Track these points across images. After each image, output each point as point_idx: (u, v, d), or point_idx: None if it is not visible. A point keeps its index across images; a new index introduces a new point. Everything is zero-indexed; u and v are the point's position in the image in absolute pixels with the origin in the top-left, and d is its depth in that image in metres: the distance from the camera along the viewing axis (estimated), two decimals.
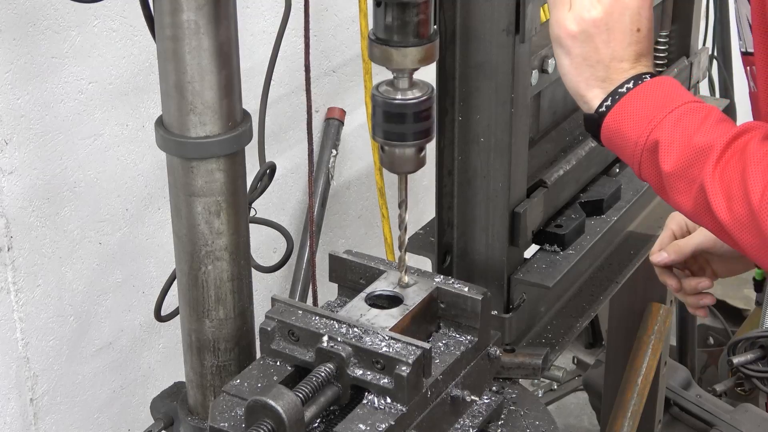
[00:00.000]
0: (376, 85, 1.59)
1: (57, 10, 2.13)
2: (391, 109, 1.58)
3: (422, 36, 1.54)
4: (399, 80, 1.58)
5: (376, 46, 1.55)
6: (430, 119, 1.61)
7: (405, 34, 1.54)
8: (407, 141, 1.60)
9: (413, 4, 1.52)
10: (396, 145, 1.60)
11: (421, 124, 1.60)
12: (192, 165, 1.71)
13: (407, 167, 1.63)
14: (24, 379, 2.29)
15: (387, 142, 1.60)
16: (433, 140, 1.98)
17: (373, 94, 1.59)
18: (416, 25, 1.53)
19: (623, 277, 2.32)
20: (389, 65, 1.56)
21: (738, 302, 4.38)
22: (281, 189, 2.80)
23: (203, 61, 1.65)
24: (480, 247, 2.04)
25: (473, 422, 1.73)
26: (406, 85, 1.58)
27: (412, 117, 1.58)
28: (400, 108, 1.58)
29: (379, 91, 1.59)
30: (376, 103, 1.59)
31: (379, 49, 1.55)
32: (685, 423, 3.18)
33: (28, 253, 2.22)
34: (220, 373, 1.84)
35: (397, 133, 1.59)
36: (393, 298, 1.73)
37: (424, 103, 1.59)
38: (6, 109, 2.10)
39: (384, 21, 1.53)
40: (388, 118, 1.58)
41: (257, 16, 2.58)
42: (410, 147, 1.61)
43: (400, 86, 1.58)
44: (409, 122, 1.58)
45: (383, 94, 1.58)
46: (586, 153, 2.24)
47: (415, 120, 1.58)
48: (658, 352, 2.73)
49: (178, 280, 1.83)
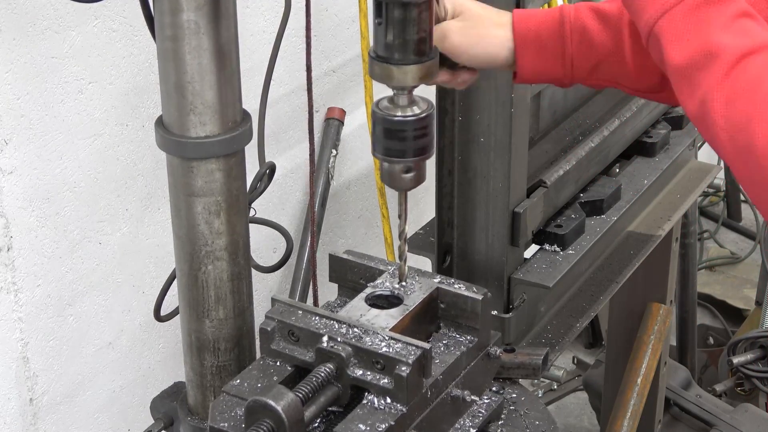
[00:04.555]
0: (377, 101, 1.59)
1: (57, 10, 2.13)
2: (391, 126, 1.57)
3: (423, 53, 1.55)
4: (399, 97, 1.57)
5: (377, 63, 1.55)
6: (429, 136, 1.60)
7: (405, 52, 1.53)
8: (407, 158, 1.59)
9: (413, 22, 1.52)
10: (396, 161, 1.59)
11: (421, 141, 1.58)
12: (192, 165, 1.71)
13: (407, 184, 1.62)
14: (24, 379, 2.29)
15: (387, 159, 1.60)
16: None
17: (373, 111, 1.59)
18: (417, 43, 1.53)
19: (623, 277, 2.32)
20: (390, 83, 1.56)
21: (738, 302, 4.39)
22: (281, 189, 2.80)
23: (203, 61, 1.65)
24: (480, 247, 2.04)
25: (473, 422, 1.73)
26: (406, 102, 1.57)
27: (411, 134, 1.57)
28: (400, 125, 1.57)
29: (379, 108, 1.59)
30: (376, 119, 1.58)
31: (380, 67, 1.55)
32: (685, 423, 3.18)
33: (28, 253, 2.22)
34: (220, 373, 1.84)
35: (397, 150, 1.58)
36: (393, 298, 1.73)
37: (424, 120, 1.58)
38: (6, 109, 2.10)
39: (385, 39, 1.53)
40: (388, 135, 1.58)
41: (257, 16, 2.58)
42: (410, 164, 1.60)
43: (400, 103, 1.57)
44: (408, 140, 1.57)
45: (383, 110, 1.58)
46: (586, 153, 2.25)
47: (415, 137, 1.58)
48: (658, 352, 2.73)
49: (178, 280, 1.83)
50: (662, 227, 2.45)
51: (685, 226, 3.37)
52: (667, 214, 2.49)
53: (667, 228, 2.46)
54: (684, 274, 3.58)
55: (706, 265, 4.79)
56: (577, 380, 3.81)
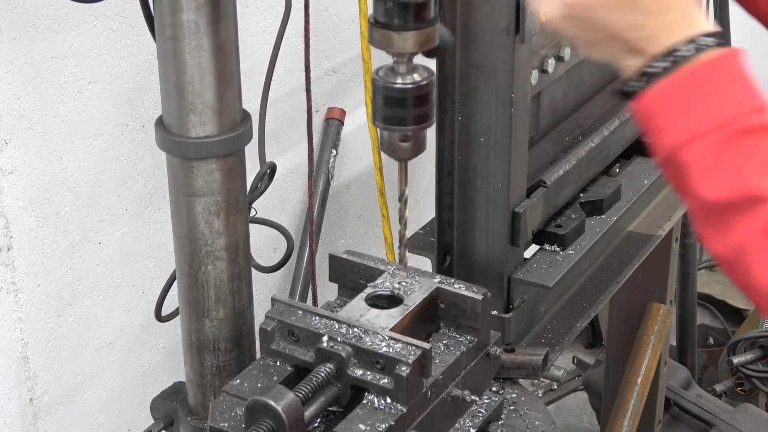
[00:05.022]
0: (376, 69, 1.57)
1: (57, 10, 2.13)
2: (391, 94, 1.55)
3: (423, 19, 1.52)
4: (399, 65, 1.55)
5: (377, 30, 1.53)
6: (430, 104, 1.58)
7: (406, 18, 1.51)
8: (407, 126, 1.57)
9: None
10: (396, 130, 1.58)
11: (422, 109, 1.56)
12: (192, 165, 1.71)
13: (407, 153, 1.61)
14: (24, 379, 2.29)
15: (387, 127, 1.58)
16: (433, 140, 1.98)
17: (374, 79, 1.57)
18: (417, 9, 1.51)
19: (623, 277, 2.32)
20: (390, 49, 1.54)
21: (738, 302, 4.38)
22: (281, 189, 2.80)
23: (203, 61, 1.65)
24: (480, 247, 2.04)
25: (473, 422, 1.73)
26: (406, 70, 1.56)
27: (412, 102, 1.55)
28: (400, 93, 1.55)
29: (379, 76, 1.57)
30: (376, 87, 1.56)
31: (380, 33, 1.53)
32: (685, 423, 3.18)
33: (28, 253, 2.22)
34: (220, 373, 1.84)
35: (397, 118, 1.57)
36: (393, 298, 1.73)
37: (425, 87, 1.56)
38: (6, 109, 2.10)
39: (384, 4, 1.51)
40: (388, 103, 1.56)
41: (257, 16, 2.58)
42: (410, 132, 1.58)
43: (400, 71, 1.55)
44: (409, 107, 1.55)
45: (383, 78, 1.57)
46: (586, 153, 2.24)
47: (416, 105, 1.56)
48: (658, 352, 2.73)
49: (178, 280, 1.83)
50: (662, 227, 2.45)
51: (685, 226, 3.37)
52: (667, 214, 2.49)
53: (667, 228, 2.46)
54: (684, 274, 3.57)
55: (706, 265, 4.79)
56: (577, 380, 3.81)
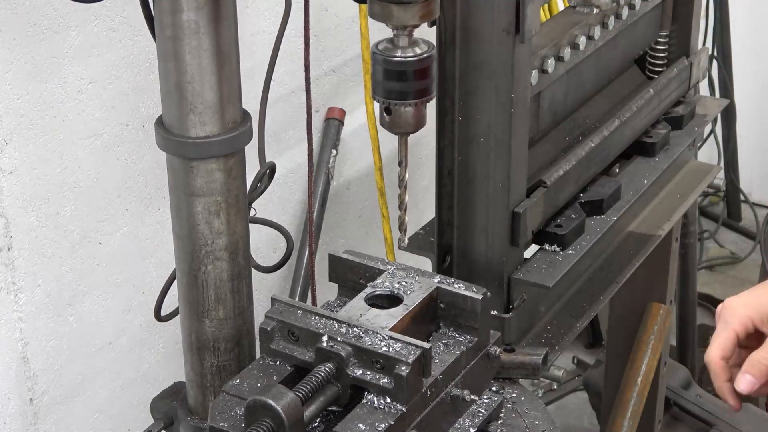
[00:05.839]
0: (376, 43, 1.56)
1: (57, 10, 2.13)
2: (392, 67, 1.55)
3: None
4: (399, 38, 1.55)
5: (377, 2, 1.52)
6: (430, 77, 1.57)
7: None
8: (408, 99, 1.56)
9: None
10: (397, 103, 1.57)
11: (422, 83, 1.56)
12: (192, 165, 1.71)
13: (408, 127, 1.60)
14: (24, 379, 2.29)
15: (387, 101, 1.58)
16: (433, 140, 1.98)
17: (373, 52, 1.56)
18: None
19: (623, 277, 2.32)
20: (390, 21, 1.53)
21: None
22: (281, 189, 2.80)
23: (203, 61, 1.65)
24: (480, 247, 2.04)
25: (473, 422, 1.73)
26: (406, 43, 1.55)
27: (412, 75, 1.54)
28: (401, 66, 1.54)
29: (379, 49, 1.56)
30: (376, 60, 1.55)
31: (380, 6, 1.52)
32: (685, 423, 3.18)
33: (28, 253, 2.22)
34: (220, 373, 1.84)
35: (398, 92, 1.56)
36: (393, 298, 1.73)
37: (425, 60, 1.55)
38: (6, 109, 2.10)
39: None
40: (388, 76, 1.55)
41: (257, 16, 2.58)
42: (411, 106, 1.57)
43: (400, 44, 1.55)
44: (410, 80, 1.55)
45: (383, 51, 1.55)
46: (586, 153, 2.24)
47: (416, 78, 1.55)
48: (658, 352, 2.73)
49: (178, 280, 1.83)
50: (662, 227, 2.45)
51: (685, 226, 3.37)
52: (667, 214, 2.49)
53: (667, 228, 2.46)
54: (684, 274, 3.57)
55: (706, 265, 4.79)
56: (577, 380, 3.81)
